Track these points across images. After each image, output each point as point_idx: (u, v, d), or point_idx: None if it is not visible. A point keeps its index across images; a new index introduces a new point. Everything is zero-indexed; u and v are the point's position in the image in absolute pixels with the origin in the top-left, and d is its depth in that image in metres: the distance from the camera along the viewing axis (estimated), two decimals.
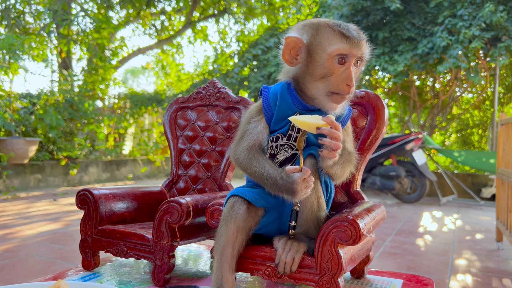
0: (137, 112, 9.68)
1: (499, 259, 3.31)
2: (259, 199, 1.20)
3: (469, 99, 9.33)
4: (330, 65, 1.16)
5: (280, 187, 1.13)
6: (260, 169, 1.18)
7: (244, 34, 12.24)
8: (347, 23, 1.19)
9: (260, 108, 1.27)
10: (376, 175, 6.30)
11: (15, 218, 4.43)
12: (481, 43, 6.21)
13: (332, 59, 1.15)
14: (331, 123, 1.10)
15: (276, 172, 1.15)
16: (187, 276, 1.51)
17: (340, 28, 1.16)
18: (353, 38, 1.15)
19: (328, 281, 1.13)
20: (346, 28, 1.16)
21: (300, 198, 1.12)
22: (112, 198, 1.58)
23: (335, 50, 1.14)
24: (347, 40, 1.14)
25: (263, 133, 1.25)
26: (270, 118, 1.25)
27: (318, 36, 1.17)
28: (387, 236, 3.97)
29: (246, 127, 1.27)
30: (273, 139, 1.25)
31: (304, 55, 1.19)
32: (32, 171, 6.88)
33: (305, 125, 1.09)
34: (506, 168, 3.42)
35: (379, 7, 7.51)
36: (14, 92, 7.24)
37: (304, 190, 1.11)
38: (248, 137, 1.25)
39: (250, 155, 1.22)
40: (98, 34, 9.06)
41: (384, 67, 7.23)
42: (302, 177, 1.10)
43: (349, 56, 1.15)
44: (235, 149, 1.27)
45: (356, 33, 1.16)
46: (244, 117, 1.32)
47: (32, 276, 2.59)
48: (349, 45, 1.15)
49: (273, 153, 1.25)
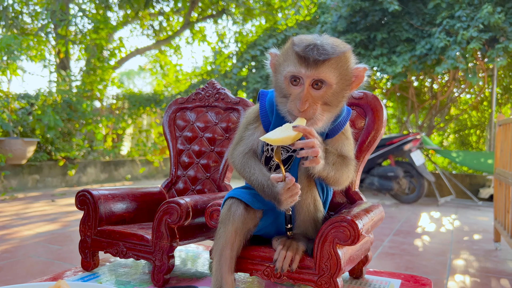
0: (135, 112, 9.67)
1: (497, 259, 3.32)
2: (256, 201, 1.21)
3: (467, 100, 9.35)
4: (286, 86, 1.14)
5: (267, 194, 1.16)
6: (251, 175, 1.21)
7: (242, 35, 12.25)
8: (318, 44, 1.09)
9: (257, 114, 1.28)
10: (375, 175, 6.30)
11: (13, 218, 4.42)
12: (479, 44, 6.23)
13: (287, 80, 1.13)
14: (303, 131, 1.08)
15: (264, 179, 1.17)
16: (187, 277, 1.51)
17: (300, 48, 1.09)
18: (308, 60, 1.08)
19: (327, 281, 1.14)
20: (308, 48, 1.08)
21: (286, 207, 1.13)
22: (112, 198, 1.58)
23: (288, 72, 1.12)
24: (301, 61, 1.09)
25: (259, 140, 1.26)
26: (267, 124, 1.26)
27: (282, 55, 1.15)
28: (385, 237, 3.97)
29: (243, 133, 1.29)
30: (268, 143, 1.25)
31: (273, 72, 1.20)
32: (30, 171, 6.87)
33: (278, 141, 1.08)
34: (504, 168, 3.43)
35: (377, 8, 7.52)
36: (12, 92, 7.23)
37: (289, 200, 1.12)
38: (244, 143, 1.27)
39: (244, 160, 1.25)
40: (96, 35, 9.05)
41: (382, 68, 7.24)
42: (286, 187, 1.11)
43: (303, 78, 1.11)
44: (232, 153, 1.30)
45: (316, 54, 1.08)
46: (242, 122, 1.33)
47: (30, 277, 2.59)
48: (302, 67, 1.09)
49: (269, 156, 1.26)
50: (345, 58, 1.13)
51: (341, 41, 1.16)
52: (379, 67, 7.27)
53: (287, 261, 1.16)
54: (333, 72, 1.10)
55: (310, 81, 1.10)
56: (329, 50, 1.09)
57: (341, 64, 1.12)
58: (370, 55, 7.44)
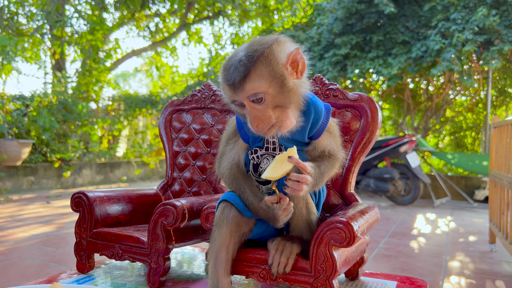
0: (131, 114, 9.65)
1: (492, 261, 3.34)
2: (247, 210, 1.21)
3: (463, 102, 9.40)
4: (235, 109, 1.16)
5: (261, 215, 1.19)
6: (240, 193, 1.23)
7: (238, 36, 12.25)
8: (238, 61, 1.07)
9: (235, 128, 1.29)
10: (370, 177, 6.32)
11: (7, 220, 4.39)
12: (474, 47, 6.27)
13: (232, 104, 1.15)
14: (297, 164, 1.10)
15: (256, 200, 1.20)
16: (182, 279, 1.50)
17: (223, 76, 1.10)
18: (233, 85, 1.07)
19: (323, 283, 1.14)
20: (228, 73, 1.08)
21: (282, 224, 1.17)
22: (107, 200, 1.58)
23: (227, 98, 1.14)
24: (229, 88, 1.09)
25: (241, 152, 1.28)
26: (246, 137, 1.26)
27: (220, 80, 1.15)
28: (381, 238, 3.98)
29: (224, 148, 1.31)
30: (252, 152, 1.26)
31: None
32: (25, 173, 6.83)
33: (278, 177, 1.11)
34: (499, 170, 3.45)
35: (373, 11, 7.55)
36: (7, 93, 7.19)
37: (285, 218, 1.16)
38: (227, 158, 1.28)
39: (231, 176, 1.26)
40: (92, 36, 9.02)
41: (378, 70, 7.27)
42: (281, 207, 1.15)
43: (239, 101, 1.11)
44: (218, 165, 1.31)
45: (236, 75, 1.06)
46: (223, 135, 1.34)
47: (25, 279, 2.57)
48: (232, 93, 1.09)
49: (256, 163, 1.26)
50: (267, 58, 1.08)
51: (266, 39, 1.12)
52: (375, 69, 7.30)
53: (281, 266, 1.17)
54: (260, 81, 1.07)
55: (247, 100, 1.09)
56: (246, 63, 1.06)
57: (265, 67, 1.07)
58: (366, 57, 7.46)
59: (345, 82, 8.28)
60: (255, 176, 1.27)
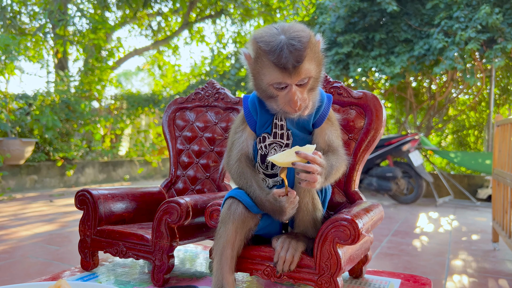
0: (133, 113, 9.66)
1: (495, 259, 3.33)
2: (255, 205, 1.21)
3: (465, 100, 9.37)
4: (272, 90, 1.17)
5: (267, 208, 1.19)
6: (247, 187, 1.24)
7: (241, 35, 12.24)
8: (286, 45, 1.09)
9: (243, 117, 1.31)
10: (373, 176, 6.31)
11: (10, 219, 4.41)
12: (477, 45, 6.25)
13: (271, 86, 1.16)
14: (305, 158, 1.10)
15: (262, 194, 1.20)
16: (186, 276, 1.51)
17: (274, 57, 1.11)
18: (288, 69, 1.10)
19: (327, 281, 1.14)
20: (281, 56, 1.10)
21: (288, 217, 1.18)
22: (111, 198, 1.58)
23: (272, 81, 1.14)
24: (281, 71, 1.11)
25: (249, 139, 1.30)
26: (253, 124, 1.29)
27: (258, 63, 1.16)
28: (384, 237, 3.98)
29: (233, 138, 1.32)
30: (260, 140, 1.28)
31: (251, 75, 1.22)
32: (28, 172, 6.85)
33: (282, 164, 1.12)
34: (502, 169, 3.44)
35: (375, 9, 7.53)
36: (10, 92, 7.21)
37: (292, 211, 1.17)
38: (236, 147, 1.29)
39: (239, 170, 1.27)
40: (94, 35, 9.03)
41: (380, 69, 7.25)
42: (289, 200, 1.16)
43: (288, 83, 1.14)
44: (227, 161, 1.32)
45: (293, 60, 1.09)
46: (231, 129, 1.37)
47: (28, 277, 2.58)
48: (284, 75, 1.12)
49: (264, 154, 1.26)
50: (313, 43, 1.15)
51: (302, 26, 1.16)
52: (378, 67, 7.28)
53: (286, 264, 1.17)
54: (311, 65, 1.14)
55: (295, 83, 1.14)
56: (300, 47, 1.10)
57: (313, 52, 1.15)
58: (368, 56, 7.44)
59: (347, 81, 8.27)
60: (262, 167, 1.27)
